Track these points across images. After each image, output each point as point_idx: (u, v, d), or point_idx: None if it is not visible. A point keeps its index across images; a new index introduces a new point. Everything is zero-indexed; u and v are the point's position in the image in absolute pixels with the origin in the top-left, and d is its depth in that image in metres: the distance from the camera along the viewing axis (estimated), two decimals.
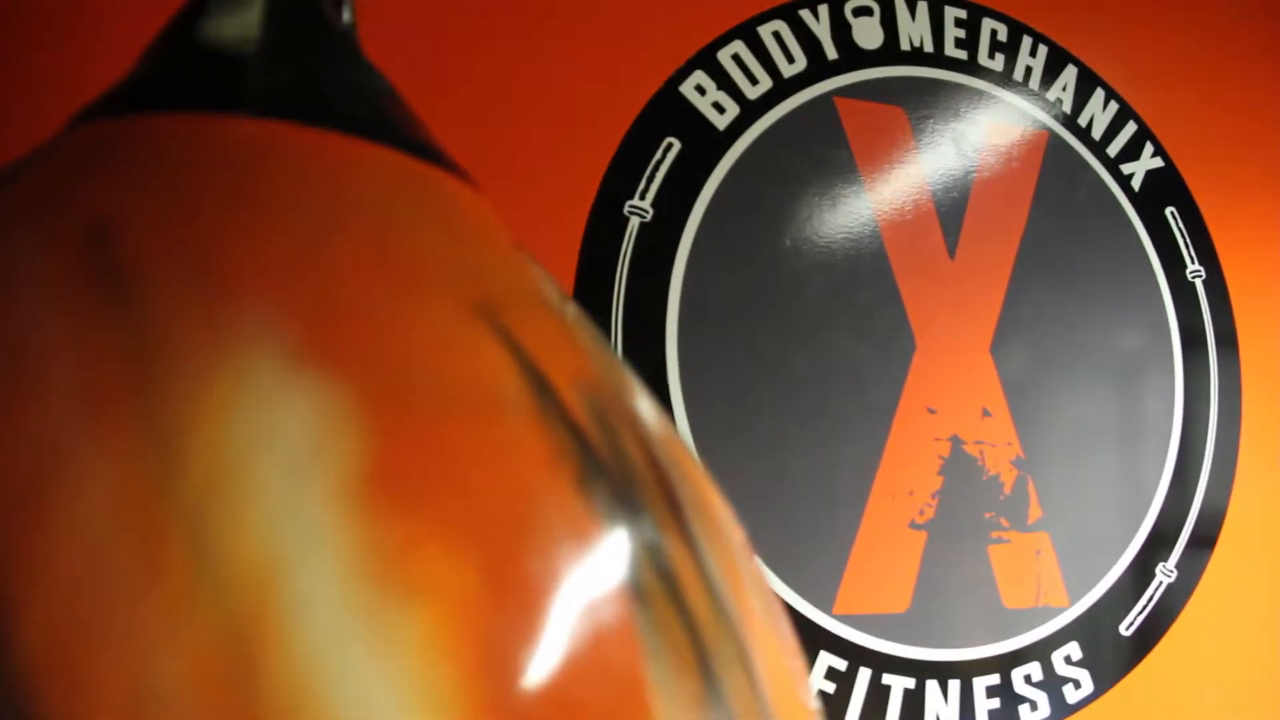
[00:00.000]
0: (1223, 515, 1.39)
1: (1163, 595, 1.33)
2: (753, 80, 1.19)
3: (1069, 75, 1.37)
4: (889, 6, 1.27)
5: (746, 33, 1.19)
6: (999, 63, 1.32)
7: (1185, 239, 1.41)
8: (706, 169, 1.15)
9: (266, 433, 0.23)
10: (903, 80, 1.26)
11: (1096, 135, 1.37)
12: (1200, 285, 1.41)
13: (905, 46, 1.27)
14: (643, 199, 1.12)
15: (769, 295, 1.16)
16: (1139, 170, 1.39)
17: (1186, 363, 1.39)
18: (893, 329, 1.22)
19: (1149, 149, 1.40)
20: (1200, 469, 1.38)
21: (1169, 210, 1.41)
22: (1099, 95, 1.38)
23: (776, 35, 1.21)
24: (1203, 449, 1.38)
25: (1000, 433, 1.26)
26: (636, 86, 1.14)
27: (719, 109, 1.16)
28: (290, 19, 0.36)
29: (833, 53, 1.23)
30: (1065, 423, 1.30)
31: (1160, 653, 1.32)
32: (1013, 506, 1.26)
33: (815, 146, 1.21)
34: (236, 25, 0.34)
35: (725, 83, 1.17)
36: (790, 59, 1.21)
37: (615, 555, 0.26)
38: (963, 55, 1.30)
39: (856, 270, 1.21)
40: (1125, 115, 1.39)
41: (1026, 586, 1.25)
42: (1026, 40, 1.35)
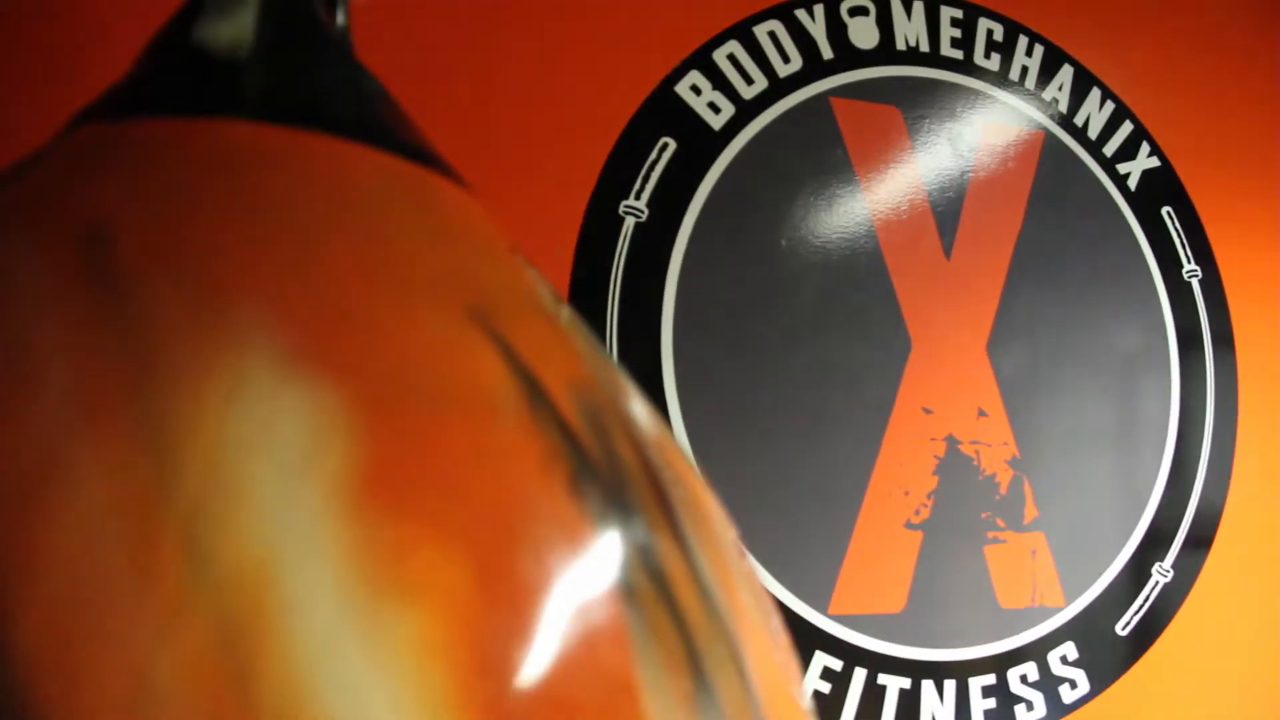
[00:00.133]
0: (1219, 515, 1.39)
1: (1159, 595, 1.33)
2: (748, 80, 1.19)
3: (1065, 75, 1.37)
4: (884, 6, 1.27)
5: (742, 32, 1.19)
6: (995, 62, 1.32)
7: (1181, 239, 1.41)
8: (702, 169, 1.15)
9: (261, 434, 0.23)
10: (898, 80, 1.26)
11: (1093, 135, 1.37)
12: (1196, 285, 1.41)
13: (901, 46, 1.27)
14: (638, 199, 1.12)
15: (764, 295, 1.16)
16: (1135, 170, 1.39)
17: (1183, 362, 1.39)
18: (888, 329, 1.22)
19: (1145, 148, 1.40)
20: (1196, 469, 1.38)
21: (1165, 210, 1.41)
22: (1095, 95, 1.38)
23: (772, 35, 1.21)
24: (1199, 449, 1.38)
25: (996, 432, 1.26)
26: (632, 86, 1.14)
27: (714, 109, 1.16)
28: (284, 22, 0.36)
29: (828, 52, 1.23)
30: (1061, 422, 1.30)
31: (1156, 653, 1.32)
32: (1009, 506, 1.26)
33: (811, 146, 1.21)
34: (230, 29, 0.34)
35: (721, 83, 1.17)
36: (786, 59, 1.21)
37: (606, 556, 0.26)
38: (959, 55, 1.30)
39: (852, 270, 1.21)
40: (1121, 115, 1.39)
41: (1022, 586, 1.25)
42: (1023, 40, 1.35)
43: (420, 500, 0.24)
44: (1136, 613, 1.31)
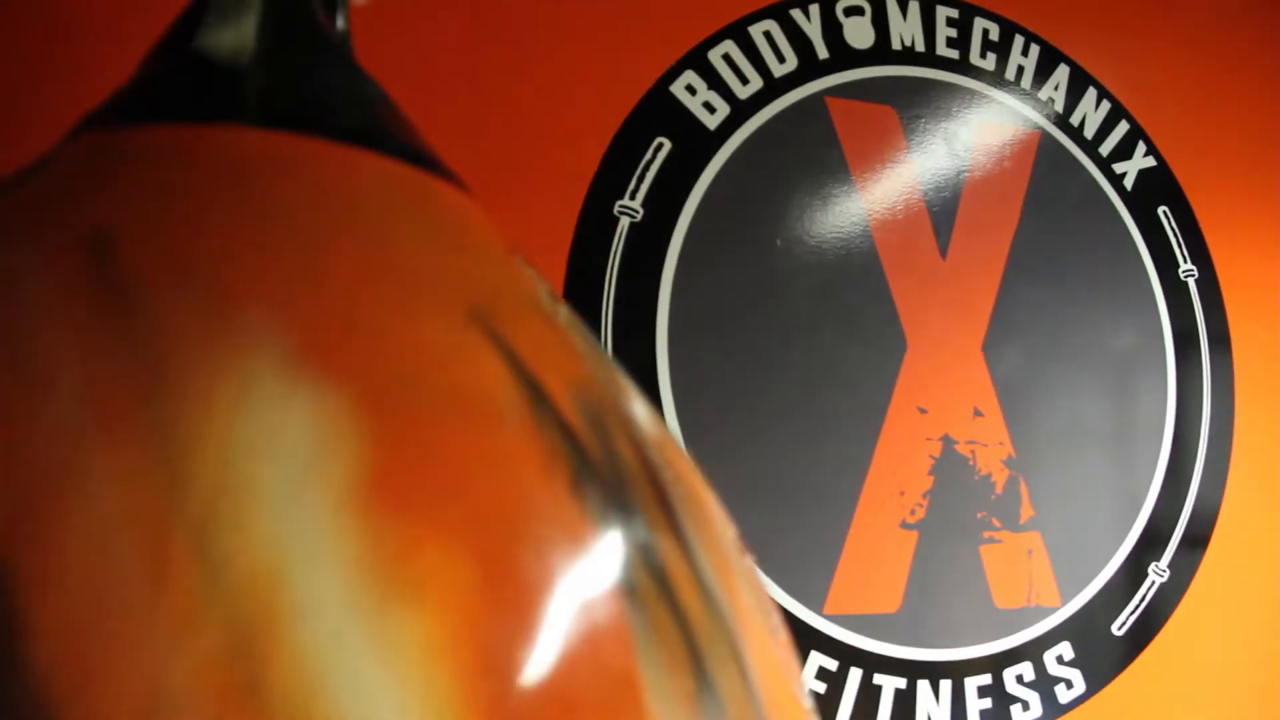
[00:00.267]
0: (1215, 514, 1.39)
1: (1155, 595, 1.33)
2: (743, 80, 1.18)
3: (1061, 75, 1.37)
4: (880, 6, 1.27)
5: (737, 32, 1.19)
6: (991, 62, 1.32)
7: (1177, 238, 1.41)
8: (697, 169, 1.15)
9: (269, 439, 0.23)
10: (894, 80, 1.26)
11: (1089, 134, 1.37)
12: (1193, 284, 1.41)
13: (897, 46, 1.27)
14: (633, 199, 1.12)
15: (760, 295, 1.16)
16: (1131, 169, 1.39)
17: (1179, 362, 1.39)
18: (884, 329, 1.22)
19: (1141, 148, 1.40)
20: (1193, 468, 1.38)
21: (1161, 209, 1.41)
22: (1091, 94, 1.38)
23: (767, 35, 1.21)
24: (1195, 448, 1.38)
25: (992, 432, 1.26)
26: (627, 86, 1.14)
27: (709, 109, 1.16)
28: (284, 28, 0.36)
29: (824, 52, 1.23)
30: (1057, 422, 1.30)
31: (1153, 652, 1.32)
32: (1004, 506, 1.26)
33: (806, 146, 1.21)
34: (232, 36, 0.35)
35: (716, 82, 1.17)
36: (781, 58, 1.21)
37: (608, 556, 0.27)
38: (954, 55, 1.30)
39: (848, 270, 1.21)
40: (1117, 114, 1.39)
41: (1018, 586, 1.25)
42: (1018, 40, 1.35)
43: (425, 503, 0.25)
44: (1133, 612, 1.31)
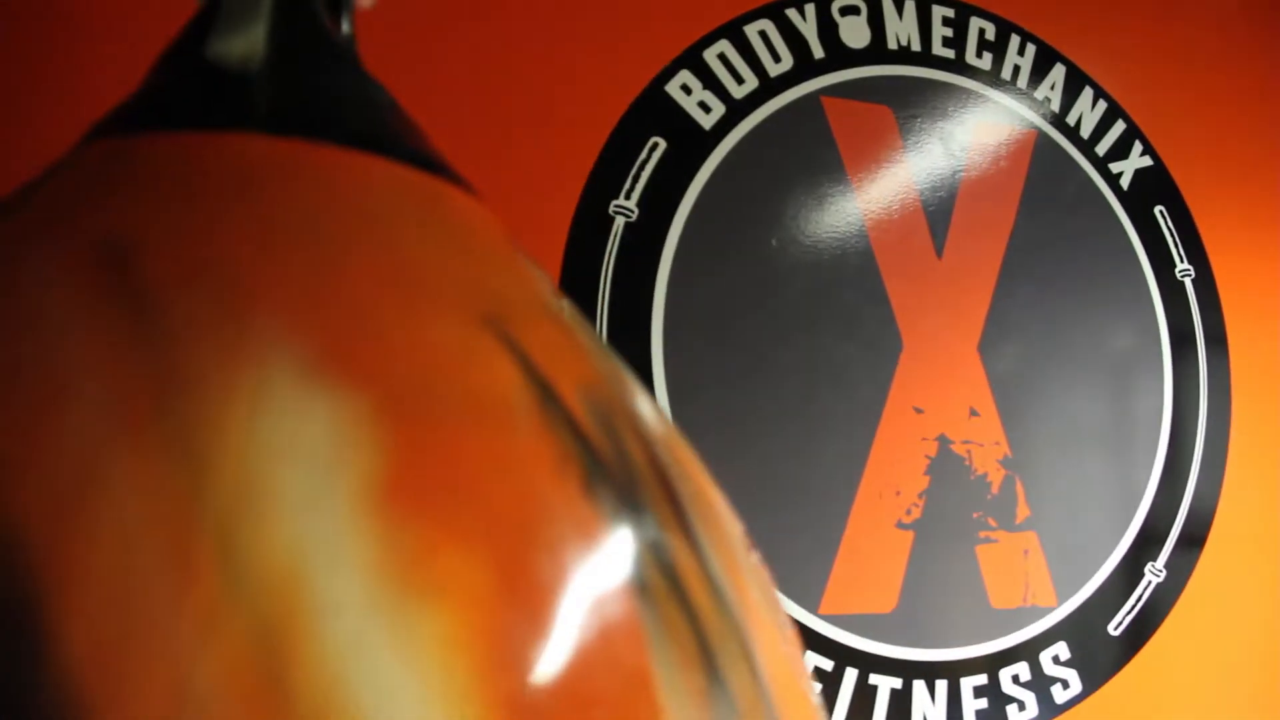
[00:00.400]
0: (1212, 514, 1.38)
1: (1152, 595, 1.33)
2: (739, 79, 1.18)
3: (1057, 74, 1.36)
4: (876, 5, 1.27)
5: (732, 32, 1.19)
6: (987, 62, 1.32)
7: (1174, 238, 1.41)
8: (692, 169, 1.15)
9: (288, 444, 0.24)
10: (890, 79, 1.26)
11: (1085, 134, 1.37)
12: (1189, 284, 1.41)
13: (892, 45, 1.27)
14: (628, 199, 1.12)
15: (755, 295, 1.16)
16: (1128, 169, 1.39)
17: (1176, 362, 1.39)
18: (880, 328, 1.22)
19: (1138, 147, 1.40)
20: (1189, 468, 1.38)
21: (1158, 209, 1.40)
22: (1087, 94, 1.38)
23: (763, 34, 1.20)
24: (1192, 448, 1.38)
25: (988, 432, 1.26)
26: (622, 86, 1.14)
27: (705, 108, 1.16)
28: (293, 34, 0.37)
29: (819, 52, 1.23)
30: (1053, 422, 1.30)
31: (1149, 652, 1.31)
32: (1000, 506, 1.26)
33: (802, 146, 1.20)
34: (242, 43, 0.35)
35: (711, 82, 1.17)
36: (776, 58, 1.21)
37: (620, 554, 0.27)
38: (950, 54, 1.30)
39: (843, 270, 1.20)
40: (1114, 114, 1.39)
41: (1014, 586, 1.25)
42: (1014, 39, 1.34)
43: (441, 504, 0.25)
44: (1129, 612, 1.31)
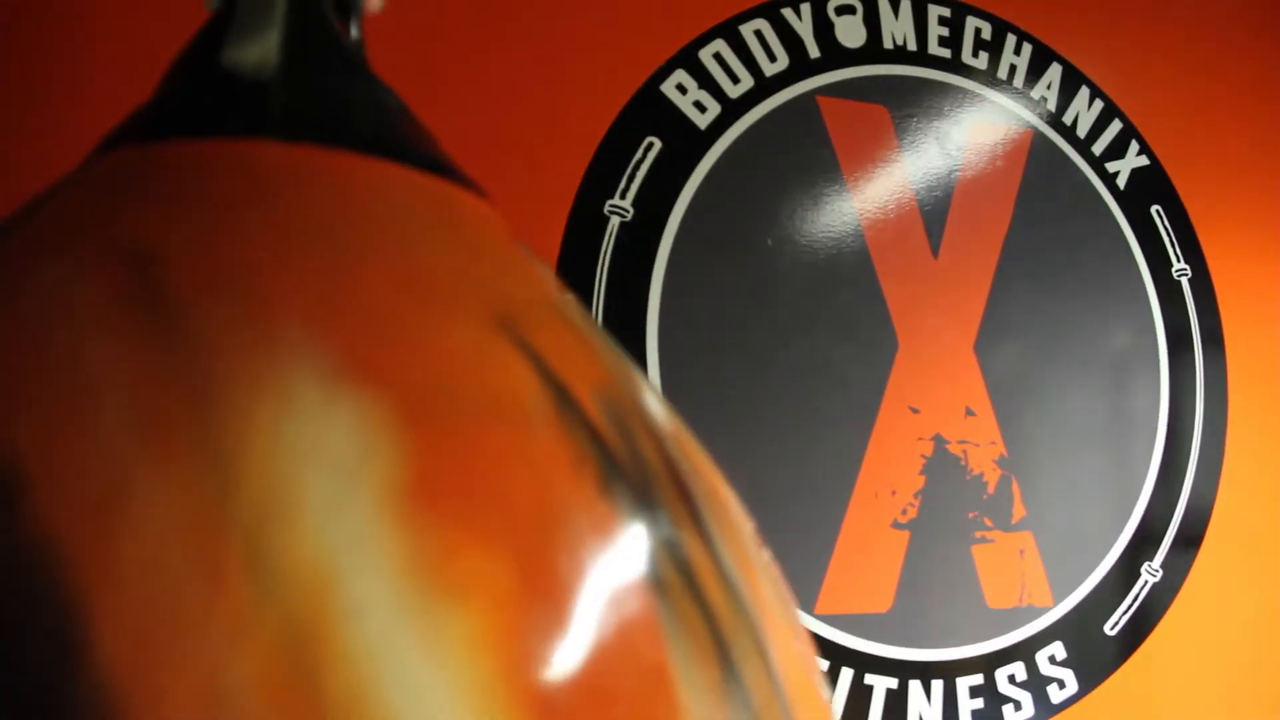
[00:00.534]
0: (1209, 514, 1.38)
1: (1148, 595, 1.33)
2: (734, 79, 1.18)
3: (1054, 73, 1.36)
4: (872, 5, 1.27)
5: (728, 31, 1.19)
6: (983, 61, 1.32)
7: (1170, 237, 1.41)
8: (688, 168, 1.15)
9: (314, 447, 0.24)
10: (886, 79, 1.26)
11: (1081, 133, 1.37)
12: (1186, 284, 1.41)
13: (888, 45, 1.27)
14: (623, 198, 1.12)
15: (750, 295, 1.16)
16: (1124, 168, 1.39)
17: (1172, 361, 1.38)
18: (875, 328, 1.22)
19: (1134, 147, 1.40)
20: (1186, 468, 1.38)
21: (1154, 208, 1.40)
22: (1084, 93, 1.38)
23: (758, 34, 1.20)
24: (1189, 448, 1.38)
25: (984, 432, 1.26)
26: (617, 85, 1.14)
27: (700, 108, 1.16)
28: (306, 42, 0.37)
29: (815, 51, 1.23)
30: (1050, 422, 1.30)
31: (1145, 652, 1.31)
32: (996, 506, 1.25)
33: (798, 146, 1.20)
34: (256, 51, 0.36)
35: (706, 81, 1.17)
36: (772, 57, 1.21)
37: (637, 552, 0.28)
38: (946, 54, 1.30)
39: (839, 270, 1.20)
40: (1110, 113, 1.39)
41: (1010, 586, 1.25)
42: (1011, 38, 1.34)
43: (464, 506, 0.26)
44: (1125, 612, 1.31)
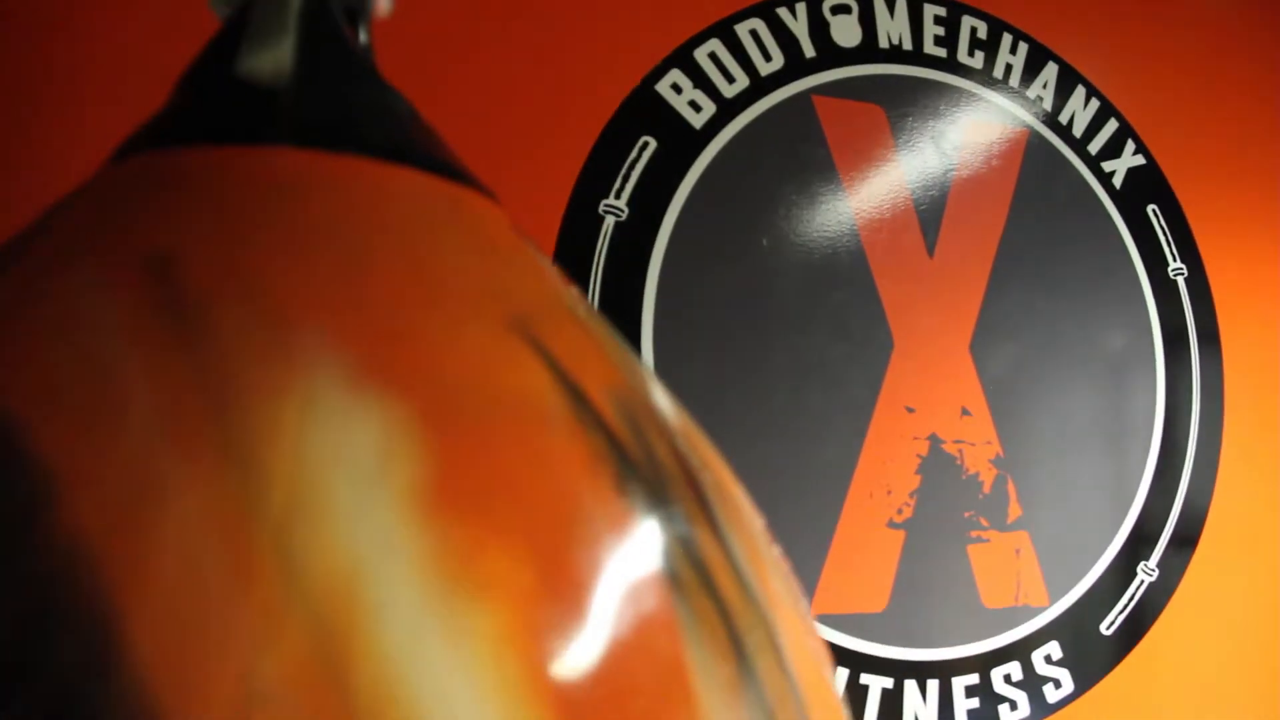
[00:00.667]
0: (1205, 514, 1.38)
1: (1144, 594, 1.33)
2: (729, 79, 1.18)
3: (1049, 73, 1.36)
4: (867, 4, 1.27)
5: (723, 31, 1.19)
6: (979, 60, 1.32)
7: (1167, 236, 1.41)
8: (683, 168, 1.15)
9: (337, 450, 0.25)
10: (881, 78, 1.26)
11: (1077, 133, 1.37)
12: (1182, 283, 1.41)
13: (884, 44, 1.27)
14: (618, 198, 1.12)
15: (746, 294, 1.16)
16: (1120, 168, 1.39)
17: (1168, 361, 1.38)
18: (871, 328, 1.22)
19: (1130, 146, 1.40)
20: (1182, 468, 1.38)
21: (1151, 208, 1.40)
22: (1080, 92, 1.38)
23: (754, 33, 1.20)
24: (1185, 448, 1.38)
25: (979, 432, 1.26)
26: (612, 85, 1.14)
27: (695, 108, 1.16)
28: (319, 49, 0.38)
29: (810, 51, 1.23)
30: (1046, 422, 1.30)
31: (1141, 652, 1.31)
32: (992, 505, 1.25)
33: (793, 145, 1.20)
34: (271, 59, 0.36)
35: (702, 81, 1.17)
36: (768, 57, 1.21)
37: (653, 548, 0.29)
38: (942, 53, 1.30)
39: (834, 269, 1.20)
40: (1106, 112, 1.39)
41: (1006, 586, 1.25)
42: (1006, 38, 1.34)
43: (484, 505, 0.26)
44: (1121, 612, 1.31)
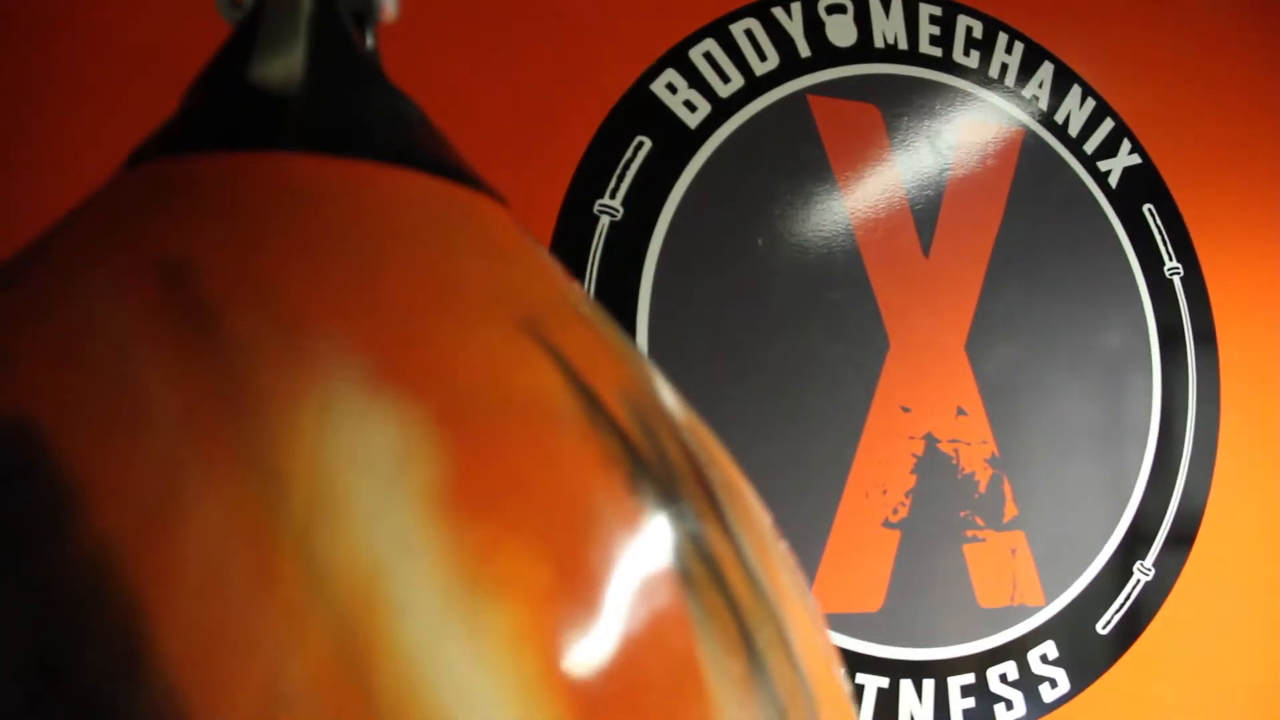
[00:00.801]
0: (1201, 513, 1.38)
1: (1140, 594, 1.33)
2: (724, 78, 1.18)
3: (1045, 72, 1.36)
4: (863, 4, 1.27)
5: (718, 30, 1.19)
6: (974, 60, 1.32)
7: (1163, 236, 1.41)
8: (678, 168, 1.15)
9: (355, 452, 0.26)
10: (877, 78, 1.26)
11: (1073, 132, 1.37)
12: (1178, 282, 1.41)
13: (879, 44, 1.27)
14: (613, 198, 1.12)
15: (741, 294, 1.16)
16: (1116, 167, 1.39)
17: (1165, 360, 1.38)
18: (866, 327, 1.22)
19: (1126, 145, 1.40)
20: (1178, 467, 1.37)
21: (1146, 207, 1.40)
22: (1076, 92, 1.38)
23: (749, 33, 1.20)
24: (1181, 447, 1.38)
25: (975, 431, 1.26)
26: (607, 85, 1.14)
27: (690, 107, 1.16)
28: (329, 56, 0.39)
29: (806, 50, 1.23)
30: (1042, 421, 1.30)
31: (1138, 651, 1.31)
32: (988, 505, 1.25)
33: (788, 145, 1.20)
34: (282, 66, 0.37)
35: (697, 81, 1.17)
36: (763, 57, 1.20)
37: (665, 546, 0.29)
38: (938, 52, 1.30)
39: (830, 269, 1.20)
40: (1102, 112, 1.39)
41: (1002, 585, 1.25)
42: (1002, 37, 1.34)
43: (500, 505, 0.27)
44: (1117, 611, 1.31)
